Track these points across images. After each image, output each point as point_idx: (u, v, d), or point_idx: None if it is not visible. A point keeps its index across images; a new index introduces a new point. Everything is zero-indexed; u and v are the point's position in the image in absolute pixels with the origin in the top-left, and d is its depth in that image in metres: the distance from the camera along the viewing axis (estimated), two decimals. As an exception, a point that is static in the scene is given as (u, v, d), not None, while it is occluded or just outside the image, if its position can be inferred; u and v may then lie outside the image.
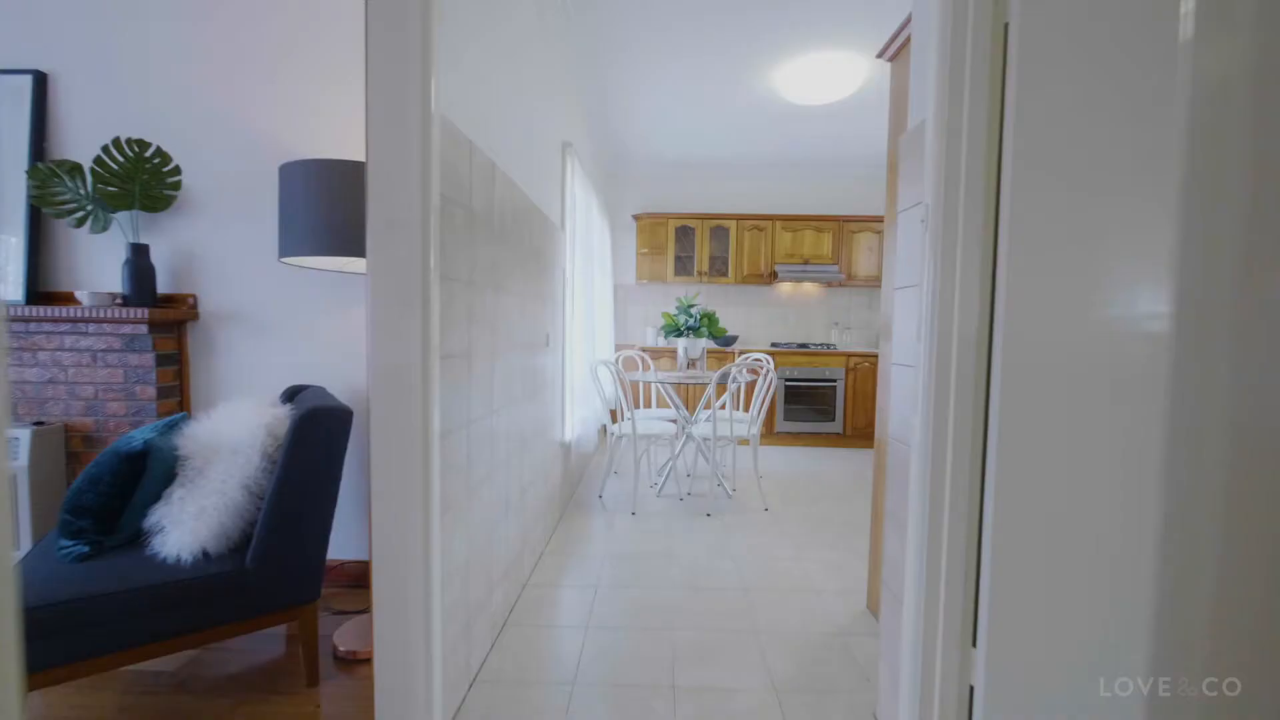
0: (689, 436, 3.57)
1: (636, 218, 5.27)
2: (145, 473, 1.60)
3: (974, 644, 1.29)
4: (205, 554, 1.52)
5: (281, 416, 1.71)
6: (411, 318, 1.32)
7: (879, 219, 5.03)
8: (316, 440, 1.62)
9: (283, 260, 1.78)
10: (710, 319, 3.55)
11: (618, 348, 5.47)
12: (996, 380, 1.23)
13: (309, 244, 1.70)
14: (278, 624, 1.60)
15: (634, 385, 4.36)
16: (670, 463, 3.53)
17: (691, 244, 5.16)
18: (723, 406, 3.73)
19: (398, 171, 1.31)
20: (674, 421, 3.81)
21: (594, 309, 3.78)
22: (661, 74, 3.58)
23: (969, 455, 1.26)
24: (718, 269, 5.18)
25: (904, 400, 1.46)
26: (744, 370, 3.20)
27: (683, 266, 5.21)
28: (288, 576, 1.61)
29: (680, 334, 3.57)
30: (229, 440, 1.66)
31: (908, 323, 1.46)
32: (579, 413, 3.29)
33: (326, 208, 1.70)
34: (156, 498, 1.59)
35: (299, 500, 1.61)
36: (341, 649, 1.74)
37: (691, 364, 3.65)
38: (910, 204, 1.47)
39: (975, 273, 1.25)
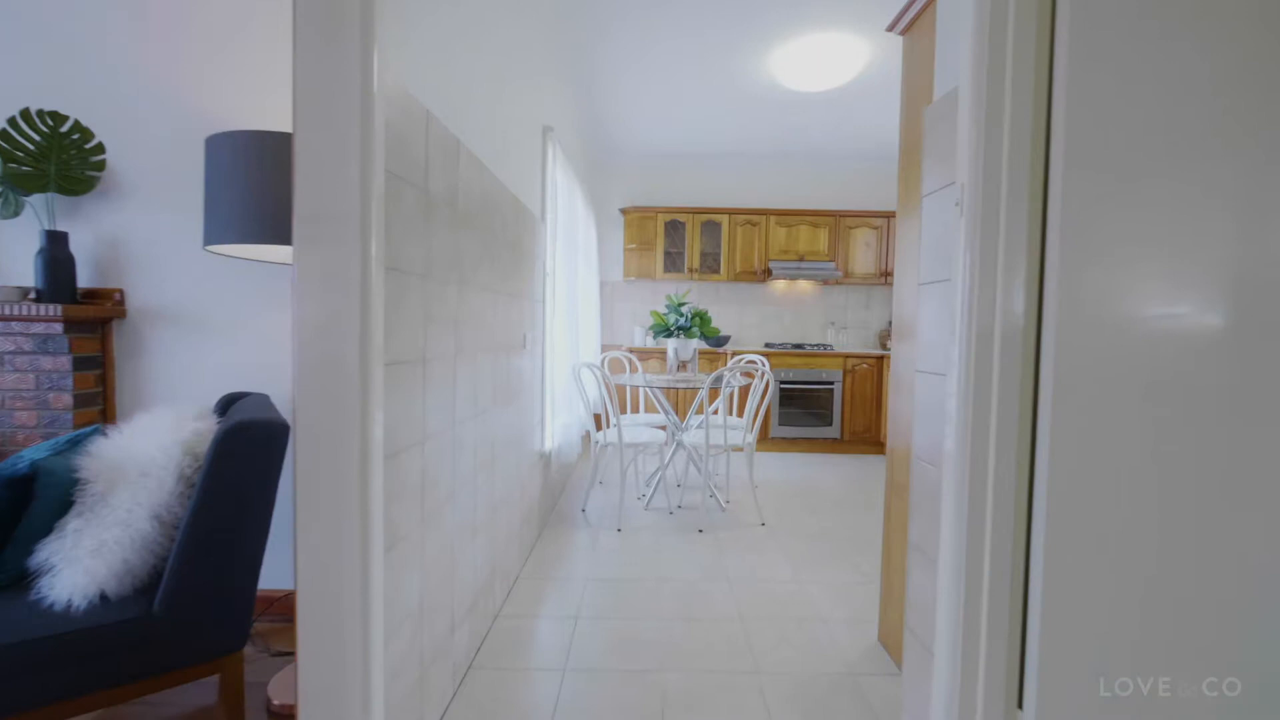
0: (679, 444, 3.35)
1: (624, 211, 5.04)
2: (33, 500, 1.35)
3: (1019, 705, 1.08)
4: (103, 597, 1.27)
5: (203, 432, 1.47)
6: (347, 317, 1.09)
7: (878, 214, 4.84)
8: (243, 460, 1.37)
9: (208, 249, 1.53)
10: (702, 318, 3.33)
11: (604, 348, 5.24)
12: (1047, 390, 1.02)
13: (236, 229, 1.46)
14: (194, 679, 1.35)
15: (620, 389, 4.14)
16: (659, 473, 3.31)
17: (682, 239, 4.94)
18: (715, 412, 3.51)
19: (330, 142, 1.07)
20: (663, 428, 3.59)
21: (578, 307, 3.55)
22: (650, 56, 3.36)
23: (1013, 480, 1.05)
24: (709, 266, 4.97)
25: (931, 413, 1.25)
26: (738, 373, 2.99)
27: (672, 263, 4.99)
28: (206, 622, 1.37)
29: (670, 334, 3.35)
30: (139, 460, 1.41)
31: (936, 323, 1.25)
32: (561, 419, 3.05)
33: (258, 187, 1.45)
34: (47, 530, 1.34)
35: (221, 531, 1.37)
36: (276, 702, 1.50)
37: (682, 366, 3.43)
38: (939, 186, 1.26)
39: (1020, 263, 1.04)
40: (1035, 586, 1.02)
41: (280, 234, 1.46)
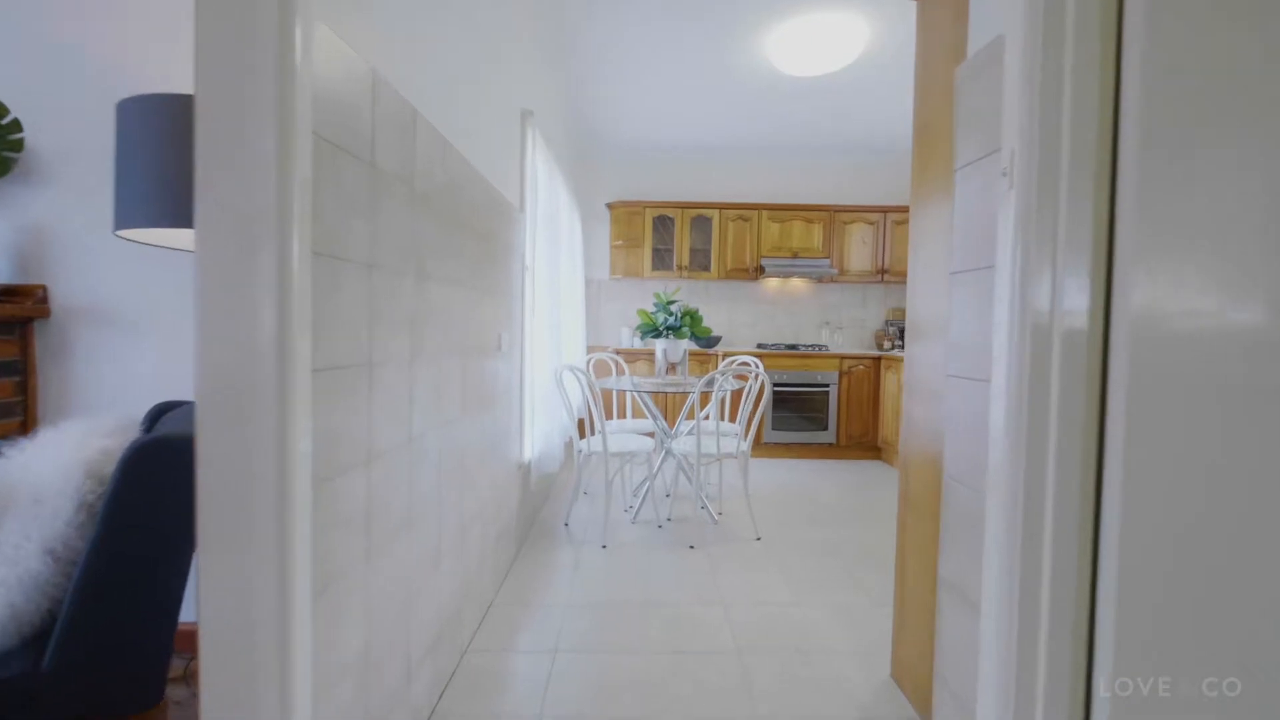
0: (668, 452, 3.16)
1: (610, 206, 4.84)
2: (-107, 536, 1.12)
3: (1083, 781, 0.90)
4: (-24, 653, 1.05)
5: (112, 450, 1.25)
6: (260, 314, 0.88)
7: (874, 209, 4.68)
8: (155, 484, 1.15)
9: (119, 235, 1.31)
10: (693, 317, 3.14)
11: (589, 349, 5.03)
12: (1118, 399, 0.84)
13: (147, 211, 1.24)
14: (91, 747, 1.13)
15: (606, 393, 3.93)
16: (647, 483, 3.11)
17: (670, 235, 4.75)
18: (706, 417, 3.33)
19: (236, 100, 0.87)
20: (651, 435, 3.40)
21: (561, 306, 3.35)
22: (639, 38, 3.16)
23: (1077, 510, 0.87)
24: (699, 263, 4.78)
25: (968, 426, 1.07)
26: (730, 376, 2.80)
27: (661, 260, 4.80)
28: (110, 678, 1.15)
29: (659, 334, 3.16)
30: (33, 485, 1.19)
31: (973, 319, 1.07)
32: (541, 426, 2.85)
33: (173, 161, 1.24)
34: (-90, 571, 1.11)
35: (128, 569, 1.15)
36: (199, 766, 1.28)
37: (671, 368, 3.24)
38: (976, 155, 1.08)
39: (1085, 243, 0.86)
40: (1104, 642, 0.84)
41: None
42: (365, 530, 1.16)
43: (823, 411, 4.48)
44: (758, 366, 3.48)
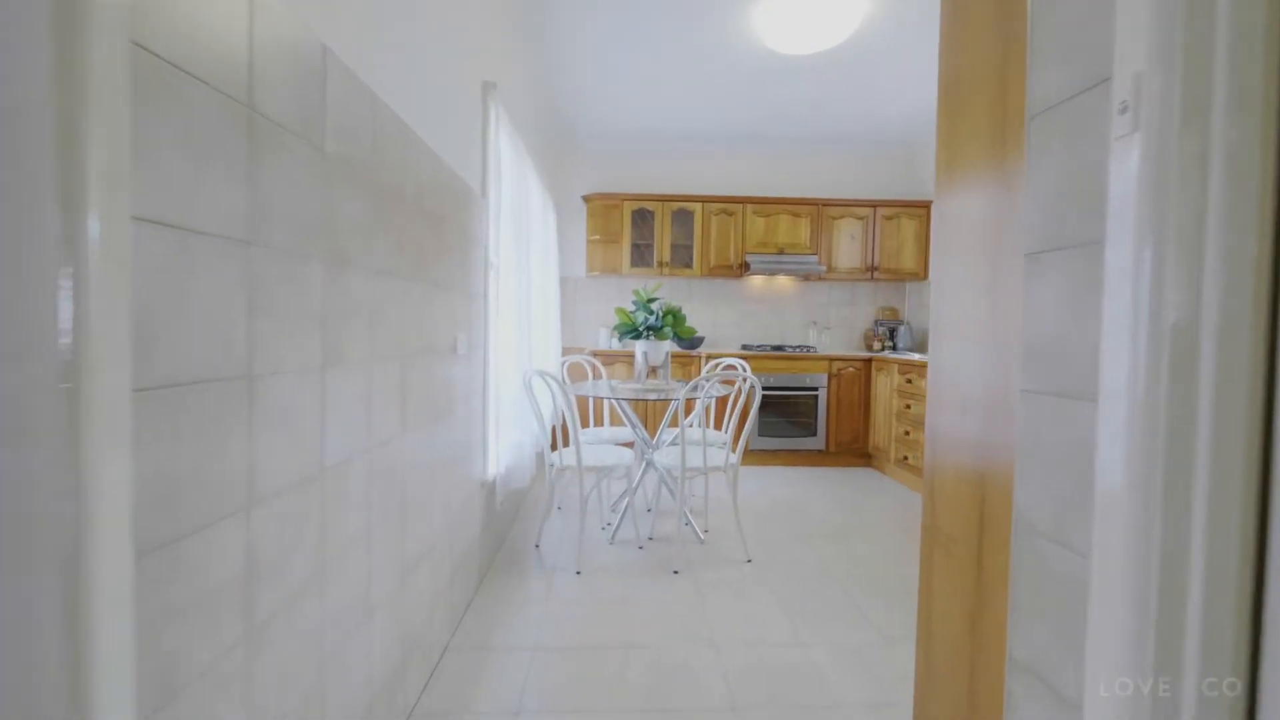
0: (649, 464, 2.88)
1: (586, 199, 4.54)
2: None
3: None
4: None
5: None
6: (28, 302, 0.58)
7: (863, 203, 4.47)
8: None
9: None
10: (675, 316, 2.87)
11: (565, 351, 4.73)
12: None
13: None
14: None
15: (582, 400, 3.63)
16: (626, 498, 2.83)
17: (650, 230, 4.48)
18: (691, 425, 3.06)
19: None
20: (630, 445, 3.12)
21: (532, 305, 3.04)
22: (612, 8, 2.87)
23: (1234, 590, 0.61)
24: (681, 259, 4.51)
25: (1054, 460, 0.81)
26: (717, 381, 2.54)
27: (640, 256, 4.52)
28: None
29: (638, 335, 2.88)
30: None
31: (1065, 316, 0.81)
32: (510, 437, 2.54)
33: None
34: None
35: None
36: None
37: (652, 372, 2.96)
38: (1069, 90, 0.80)
39: (1250, 203, 0.60)
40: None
41: None
42: (245, 606, 0.85)
43: (811, 416, 4.25)
44: (745, 370, 3.22)
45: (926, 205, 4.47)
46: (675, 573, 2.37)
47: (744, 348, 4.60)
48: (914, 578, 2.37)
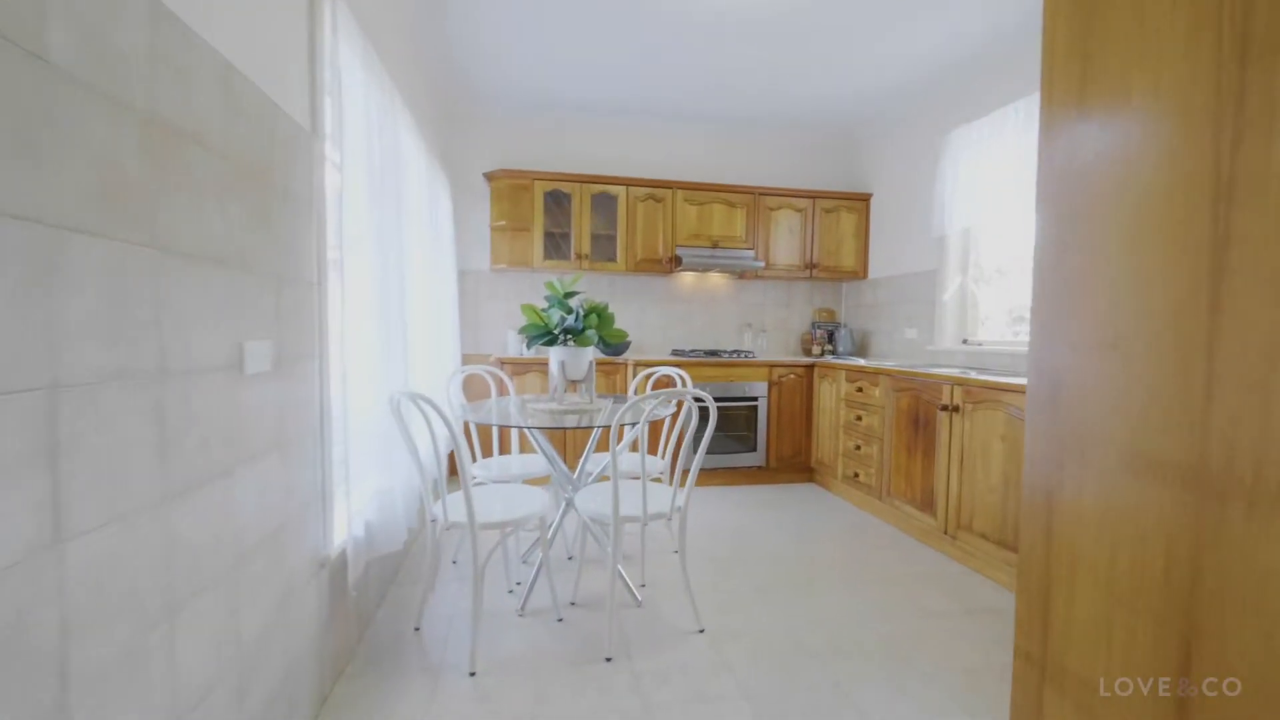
0: (569, 505, 2.25)
1: (490, 177, 3.82)
2: None
3: None
4: None
5: None
6: None
7: (802, 193, 4.08)
8: None
9: None
10: (601, 315, 2.26)
11: (466, 360, 3.97)
12: None
13: None
14: None
15: (483, 429, 2.82)
16: (541, 552, 2.16)
17: (567, 216, 3.83)
18: (634, 448, 2.46)
19: None
20: (547, 481, 2.48)
21: (410, 301, 2.32)
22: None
23: None
24: (602, 252, 3.91)
25: None
26: (666, 401, 1.95)
27: (555, 247, 3.86)
28: None
29: (553, 340, 2.23)
30: None
31: None
32: (371, 485, 1.81)
33: None
34: None
35: None
36: None
37: (572, 387, 2.33)
38: None
39: None
40: None
41: None
42: None
43: (750, 429, 3.80)
44: (685, 381, 2.67)
45: (866, 199, 4.17)
46: (608, 660, 1.76)
47: (675, 353, 4.08)
48: (901, 639, 1.91)
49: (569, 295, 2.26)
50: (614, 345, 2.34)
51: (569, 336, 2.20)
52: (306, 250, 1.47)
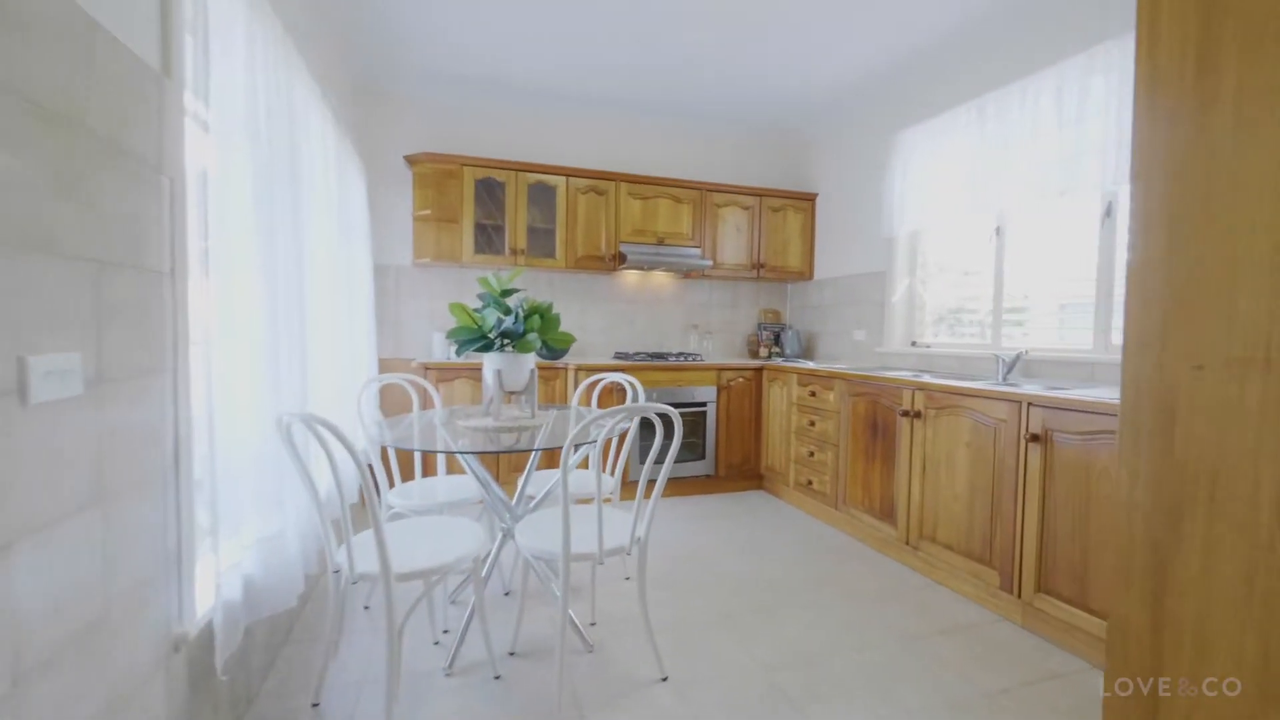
0: (507, 536, 1.95)
1: (412, 161, 3.41)
2: None
3: None
4: None
5: None
6: None
7: (749, 191, 3.93)
8: None
9: None
10: (545, 316, 1.96)
11: (383, 367, 3.53)
12: None
13: None
14: None
15: (403, 455, 2.41)
16: (475, 592, 1.83)
17: (500, 208, 3.48)
18: (583, 464, 2.18)
19: None
20: (481, 504, 2.17)
21: (307, 299, 1.92)
22: None
23: None
24: (540, 247, 3.59)
25: None
26: (628, 418, 1.68)
27: (487, 241, 3.50)
28: None
29: (488, 345, 1.92)
30: None
31: None
32: (255, 531, 1.43)
33: None
34: None
35: None
36: None
37: (509, 398, 2.02)
38: None
39: None
40: None
41: None
42: None
43: (699, 436, 3.60)
44: (636, 389, 2.43)
45: (812, 199, 4.09)
46: (557, 729, 1.47)
47: (618, 356, 3.82)
48: (880, 670, 1.74)
49: (507, 293, 1.95)
50: (557, 349, 2.07)
51: (507, 341, 1.89)
52: (151, 228, 1.10)
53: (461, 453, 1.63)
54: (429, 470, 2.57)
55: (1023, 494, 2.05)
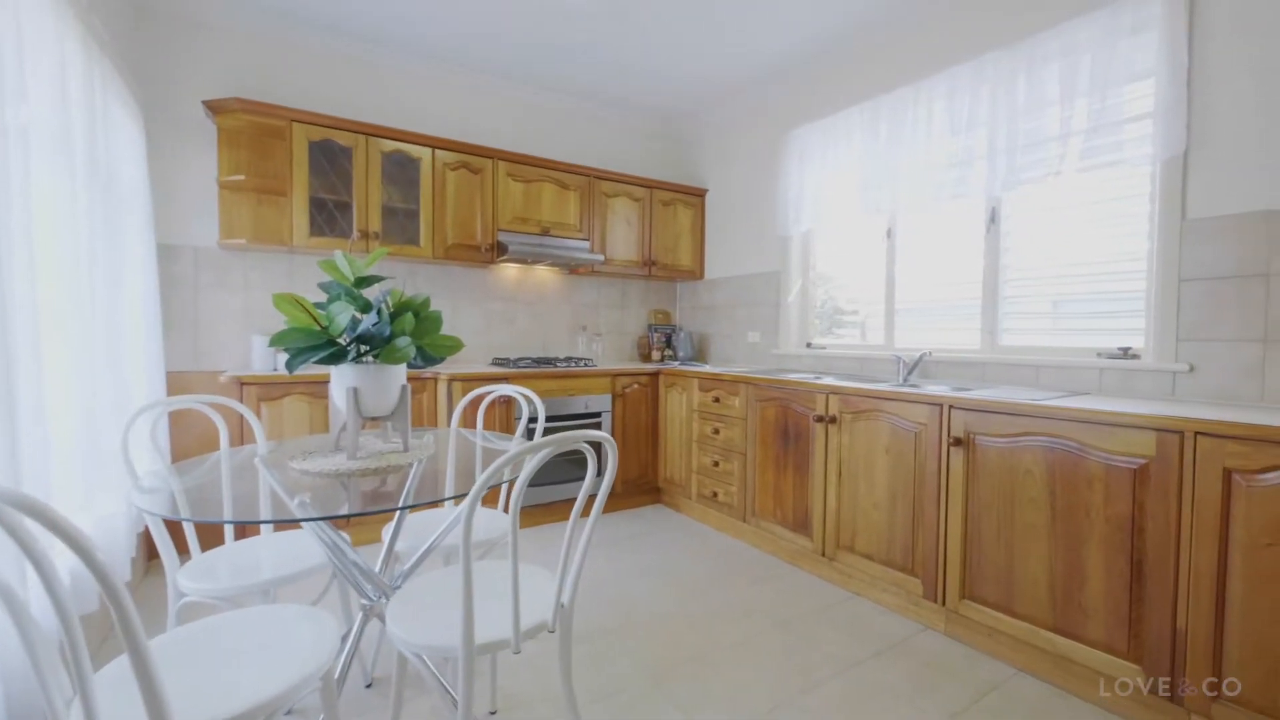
0: (368, 615, 1.43)
1: (216, 109, 2.59)
2: None
3: None
4: None
5: None
6: None
7: (639, 182, 3.64)
8: None
9: None
10: (420, 313, 1.46)
11: (175, 384, 2.66)
12: None
13: None
14: None
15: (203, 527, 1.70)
16: (322, 704, 1.28)
17: (346, 180, 2.80)
18: (490, 498, 1.69)
19: None
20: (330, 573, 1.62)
21: (15, 292, 1.22)
22: None
23: None
24: (401, 232, 2.96)
25: None
26: (544, 454, 1.24)
27: (328, 221, 2.80)
28: None
29: (338, 355, 1.37)
30: None
31: None
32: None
33: None
34: None
35: None
36: None
37: (369, 424, 1.49)
38: None
39: None
40: None
41: None
42: None
43: (594, 449, 3.23)
44: (535, 403, 2.00)
45: (702, 194, 3.93)
46: None
47: (497, 362, 3.32)
48: (839, 712, 1.53)
49: (364, 283, 1.42)
50: (435, 359, 1.56)
51: (367, 349, 1.37)
52: None
53: (307, 520, 1.09)
54: (246, 529, 1.89)
55: (945, 499, 2.00)
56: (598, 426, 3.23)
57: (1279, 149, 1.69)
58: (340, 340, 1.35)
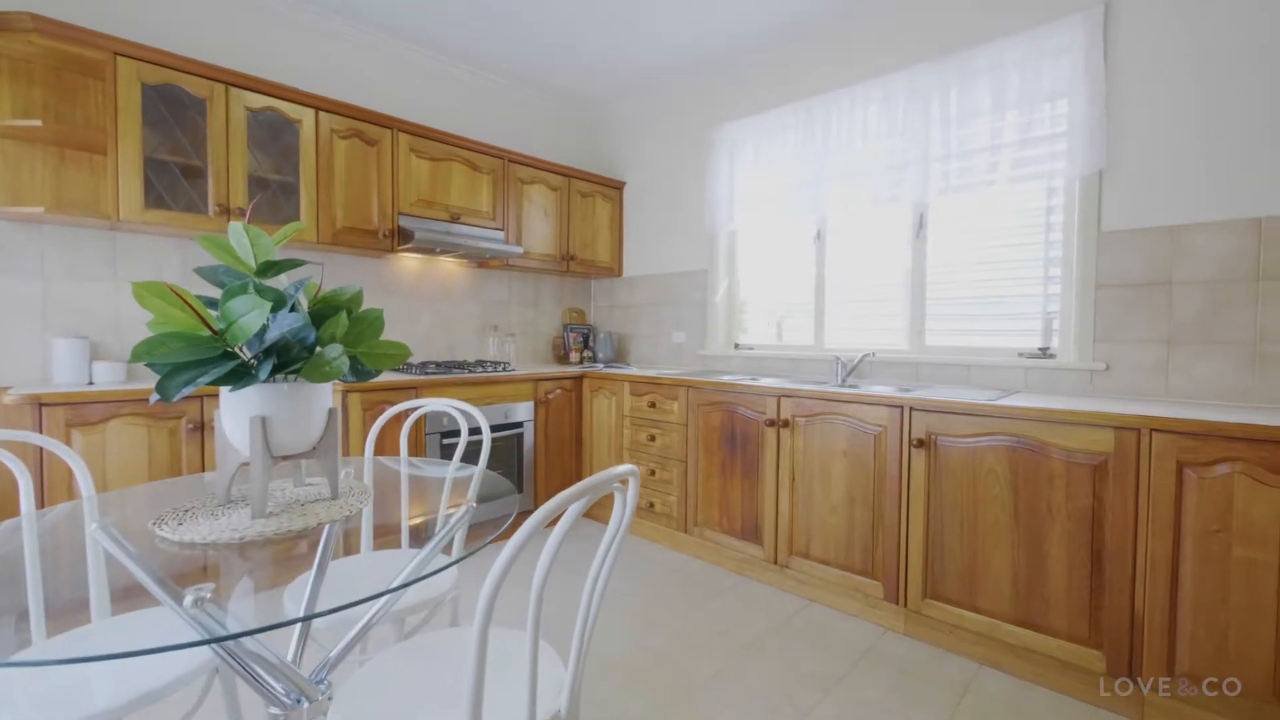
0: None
1: (-10, 27, 1.87)
2: None
3: None
4: None
5: None
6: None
7: (557, 169, 3.34)
8: None
9: None
10: (354, 313, 1.10)
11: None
12: None
13: None
14: None
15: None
16: None
17: (198, 139, 2.18)
18: (447, 549, 1.33)
19: None
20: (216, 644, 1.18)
21: None
22: None
23: None
24: (276, 210, 2.39)
25: None
26: (580, 504, 0.96)
27: (171, 188, 2.16)
28: None
29: (242, 372, 0.96)
30: None
31: None
32: None
33: None
34: None
35: None
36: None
37: (282, 461, 1.09)
38: None
39: None
40: None
41: None
42: None
43: (513, 464, 2.90)
44: (480, 425, 1.66)
45: (620, 187, 3.72)
46: None
47: (399, 368, 2.84)
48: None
49: (271, 268, 1.02)
50: (372, 372, 1.19)
51: (285, 365, 0.98)
52: None
53: (224, 639, 0.72)
54: (75, 614, 1.33)
55: (907, 501, 2.01)
56: (518, 438, 2.90)
57: (1182, 171, 1.89)
58: (240, 354, 0.94)
